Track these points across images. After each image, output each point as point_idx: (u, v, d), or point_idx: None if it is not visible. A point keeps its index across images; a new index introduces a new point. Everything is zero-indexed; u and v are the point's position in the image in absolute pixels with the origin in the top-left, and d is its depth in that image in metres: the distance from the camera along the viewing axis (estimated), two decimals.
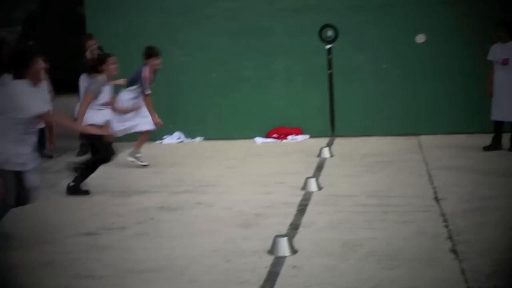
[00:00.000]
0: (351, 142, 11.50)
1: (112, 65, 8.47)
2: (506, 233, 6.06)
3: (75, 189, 8.21)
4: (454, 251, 5.60)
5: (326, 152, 10.21)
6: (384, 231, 6.28)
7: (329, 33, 12.18)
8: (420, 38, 11.96)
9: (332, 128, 12.17)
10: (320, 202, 7.47)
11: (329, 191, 7.97)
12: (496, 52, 10.07)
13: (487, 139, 10.21)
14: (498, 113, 10.07)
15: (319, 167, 9.41)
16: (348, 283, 4.96)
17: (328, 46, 12.19)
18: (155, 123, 9.83)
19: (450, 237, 5.97)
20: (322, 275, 5.15)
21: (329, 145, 10.95)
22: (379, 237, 6.06)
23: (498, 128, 10.16)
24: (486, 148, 10.10)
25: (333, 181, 8.46)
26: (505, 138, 10.07)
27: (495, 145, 10.11)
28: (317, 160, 9.93)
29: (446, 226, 6.32)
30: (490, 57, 10.14)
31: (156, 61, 9.80)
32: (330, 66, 12.17)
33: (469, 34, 11.61)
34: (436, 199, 7.39)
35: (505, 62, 9.94)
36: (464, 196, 7.45)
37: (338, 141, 11.65)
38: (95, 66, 8.58)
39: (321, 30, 12.17)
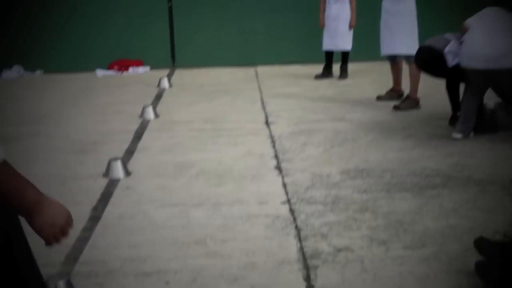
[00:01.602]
0: (191, 73, 11.74)
1: None
2: (327, 150, 6.59)
3: None
4: (278, 168, 6.05)
5: (165, 83, 10.39)
6: (215, 152, 6.63)
7: None
8: None
9: (172, 59, 12.33)
10: (156, 129, 7.70)
11: (165, 118, 8.22)
12: None
13: (318, 69, 10.80)
14: (329, 44, 10.59)
15: (158, 97, 9.60)
16: (177, 199, 5.28)
17: None
18: None
19: (276, 156, 6.42)
20: (153, 193, 5.44)
21: (169, 76, 11.14)
22: (210, 158, 6.40)
23: (329, 58, 10.73)
24: (317, 77, 10.67)
25: (170, 109, 8.71)
26: (336, 67, 10.69)
27: (325, 74, 10.70)
28: (156, 90, 10.12)
29: (274, 147, 6.76)
30: None
31: None
32: None
33: None
34: (267, 123, 7.82)
35: None
36: (292, 120, 7.92)
37: (178, 72, 11.85)
38: None
39: None
